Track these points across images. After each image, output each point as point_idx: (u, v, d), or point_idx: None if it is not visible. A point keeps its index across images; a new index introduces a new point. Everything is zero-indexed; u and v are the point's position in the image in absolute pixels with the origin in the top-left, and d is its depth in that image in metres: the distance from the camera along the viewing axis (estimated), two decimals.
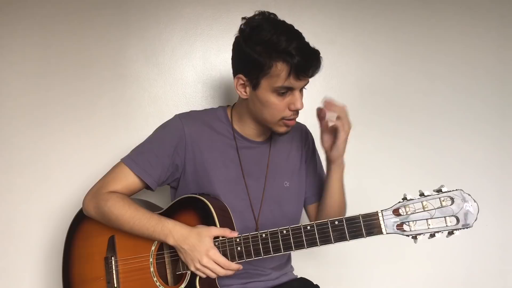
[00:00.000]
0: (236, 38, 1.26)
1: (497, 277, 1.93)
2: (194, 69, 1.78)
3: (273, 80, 1.19)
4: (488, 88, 1.92)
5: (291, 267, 1.50)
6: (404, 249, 1.80)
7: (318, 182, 1.47)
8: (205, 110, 1.42)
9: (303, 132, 1.49)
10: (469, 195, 1.06)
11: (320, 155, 1.51)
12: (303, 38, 1.21)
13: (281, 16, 1.26)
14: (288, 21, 1.28)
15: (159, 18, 1.75)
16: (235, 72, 1.27)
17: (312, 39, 1.81)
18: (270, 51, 1.17)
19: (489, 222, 1.87)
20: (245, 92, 1.27)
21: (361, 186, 1.85)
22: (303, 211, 1.49)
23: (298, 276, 1.48)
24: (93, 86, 1.72)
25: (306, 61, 1.17)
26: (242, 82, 1.26)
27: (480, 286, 1.92)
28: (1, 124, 1.69)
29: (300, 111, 1.80)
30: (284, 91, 1.21)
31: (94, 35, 1.72)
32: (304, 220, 1.51)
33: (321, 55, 1.21)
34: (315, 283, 1.46)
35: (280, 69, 1.17)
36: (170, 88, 1.77)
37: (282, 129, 1.29)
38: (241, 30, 1.24)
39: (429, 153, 1.89)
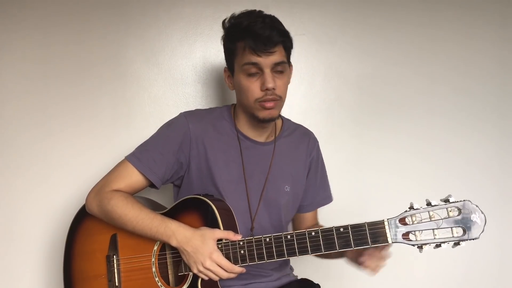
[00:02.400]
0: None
1: (496, 277, 1.94)
2: (194, 69, 1.78)
3: (239, 60, 1.25)
4: (488, 88, 1.93)
5: (291, 268, 1.50)
6: (404, 249, 1.80)
7: (314, 193, 1.47)
8: (211, 108, 1.43)
9: (311, 140, 1.48)
10: (476, 206, 1.05)
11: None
12: (266, 17, 1.24)
13: (281, 16, 1.27)
14: (288, 21, 1.29)
15: (159, 18, 1.75)
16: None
17: (312, 39, 1.83)
18: (233, 33, 1.26)
19: (488, 222, 1.87)
20: (231, 83, 1.33)
21: (362, 188, 1.86)
22: None
23: (299, 277, 1.48)
24: (93, 86, 1.72)
25: (260, 33, 1.20)
26: (227, 74, 1.33)
27: (480, 286, 1.92)
28: (1, 124, 1.68)
29: (300, 111, 1.80)
30: (253, 71, 1.23)
31: (94, 36, 1.71)
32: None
33: (285, 30, 1.26)
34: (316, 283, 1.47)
35: (241, 47, 1.24)
36: (170, 88, 1.76)
37: (262, 114, 1.26)
38: (223, 28, 1.31)
39: (428, 153, 1.89)
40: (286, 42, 1.26)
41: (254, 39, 1.20)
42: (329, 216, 1.52)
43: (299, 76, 1.83)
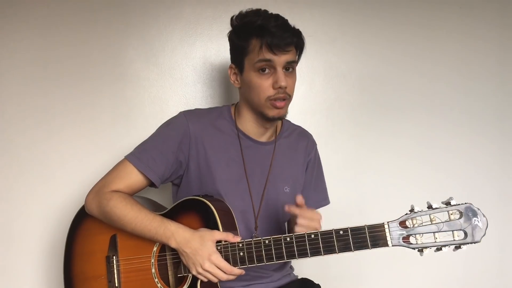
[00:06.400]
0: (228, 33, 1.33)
1: (496, 277, 1.94)
2: (194, 69, 1.78)
3: (251, 57, 1.24)
4: (488, 89, 1.93)
5: (291, 267, 1.50)
6: (404, 250, 1.80)
7: (306, 196, 1.43)
8: (211, 108, 1.43)
9: (309, 142, 1.48)
10: (478, 209, 1.03)
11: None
12: (278, 17, 1.26)
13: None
14: (288, 21, 1.29)
15: (159, 18, 1.74)
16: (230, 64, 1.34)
17: (312, 39, 1.82)
18: (245, 31, 1.25)
19: (488, 222, 1.88)
20: (237, 80, 1.32)
21: (362, 188, 1.86)
22: None
23: (299, 277, 1.49)
24: (93, 86, 1.72)
25: (275, 31, 1.21)
26: (233, 71, 1.32)
27: (480, 286, 1.92)
28: (1, 124, 1.68)
29: (300, 111, 1.80)
30: (264, 68, 1.23)
31: (94, 36, 1.71)
32: None
33: (299, 31, 1.28)
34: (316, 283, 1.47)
35: (254, 44, 1.23)
36: (170, 88, 1.76)
37: (272, 112, 1.27)
38: (231, 25, 1.31)
39: (428, 153, 1.89)
40: (299, 43, 1.29)
41: (272, 37, 1.20)
42: (328, 217, 1.51)
43: (299, 76, 1.80)
